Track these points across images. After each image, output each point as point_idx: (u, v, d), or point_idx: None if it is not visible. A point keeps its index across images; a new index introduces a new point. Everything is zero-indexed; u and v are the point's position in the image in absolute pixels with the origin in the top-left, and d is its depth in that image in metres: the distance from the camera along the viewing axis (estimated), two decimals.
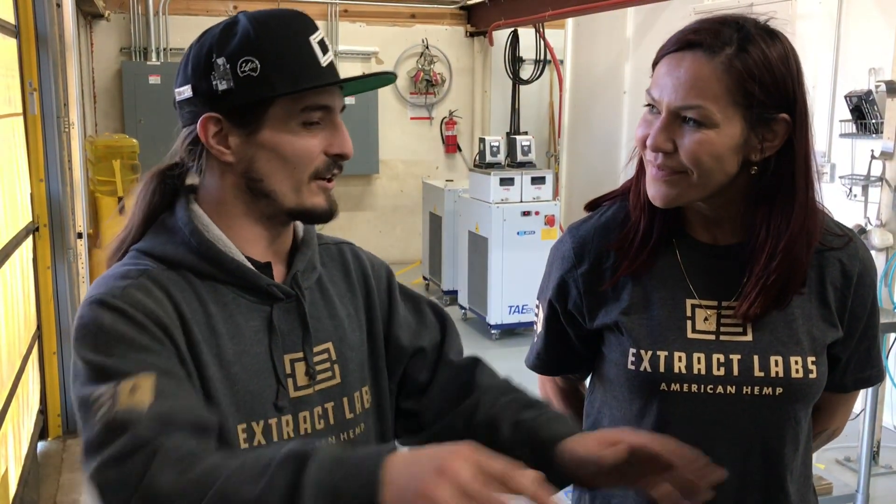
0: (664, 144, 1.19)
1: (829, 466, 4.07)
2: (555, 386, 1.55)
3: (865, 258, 1.33)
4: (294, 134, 1.09)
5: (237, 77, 1.06)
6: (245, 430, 1.08)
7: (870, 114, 4.39)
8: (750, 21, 1.19)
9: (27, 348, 3.66)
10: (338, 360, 1.19)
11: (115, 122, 8.01)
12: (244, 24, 1.08)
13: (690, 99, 1.16)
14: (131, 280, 1.05)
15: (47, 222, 4.01)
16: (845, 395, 1.41)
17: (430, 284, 7.62)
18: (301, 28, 1.10)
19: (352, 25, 8.71)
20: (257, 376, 1.10)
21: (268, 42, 1.07)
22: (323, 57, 1.10)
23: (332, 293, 1.23)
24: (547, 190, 6.23)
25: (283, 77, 1.06)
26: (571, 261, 1.36)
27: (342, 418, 1.18)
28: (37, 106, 3.87)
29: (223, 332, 1.09)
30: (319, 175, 1.12)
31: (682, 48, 1.18)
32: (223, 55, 1.06)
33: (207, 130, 1.09)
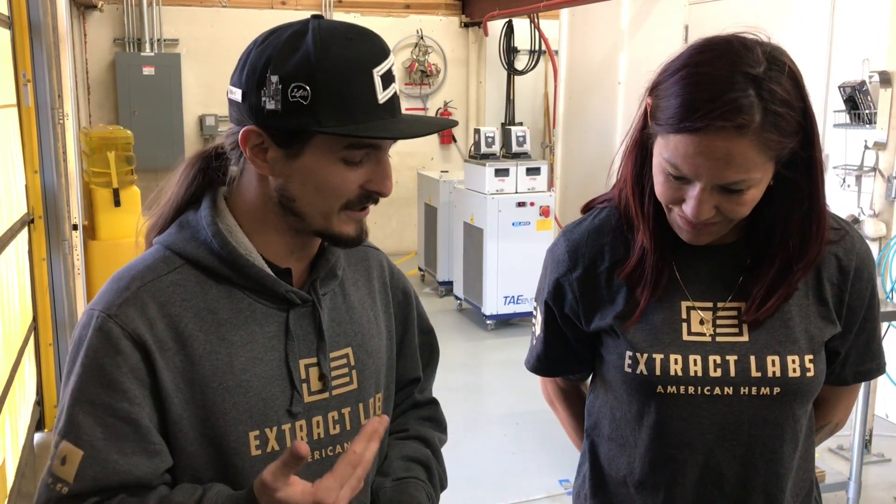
0: (709, 214, 1.18)
1: (822, 455, 4.10)
2: (556, 387, 1.55)
3: (862, 251, 1.32)
4: (332, 167, 1.06)
5: (286, 101, 1.02)
6: (258, 437, 1.10)
7: (863, 104, 4.40)
8: (754, 58, 1.13)
9: (23, 340, 3.66)
10: (356, 366, 1.19)
11: (110, 114, 7.98)
12: (308, 43, 1.02)
13: (733, 175, 1.13)
14: (131, 293, 1.07)
15: (42, 214, 4.00)
16: (846, 388, 1.41)
17: (426, 275, 7.63)
18: (367, 57, 1.04)
19: (346, 16, 8.67)
20: (271, 383, 1.11)
21: (325, 70, 1.01)
22: (383, 92, 1.04)
23: (354, 297, 1.23)
24: (542, 181, 6.23)
25: (333, 112, 1.01)
26: (566, 264, 1.36)
27: (358, 424, 1.19)
28: (31, 97, 3.86)
29: (235, 341, 1.09)
30: (351, 206, 1.09)
31: (707, 131, 1.12)
32: (278, 73, 1.02)
33: (248, 141, 1.06)
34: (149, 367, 1.05)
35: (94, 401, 1.03)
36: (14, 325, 3.48)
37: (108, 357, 1.04)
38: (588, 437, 1.44)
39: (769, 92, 1.11)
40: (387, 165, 1.10)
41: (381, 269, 1.30)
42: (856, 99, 4.42)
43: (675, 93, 1.14)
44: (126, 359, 1.04)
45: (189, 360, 1.07)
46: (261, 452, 1.10)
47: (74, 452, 1.02)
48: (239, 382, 1.09)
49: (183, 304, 1.08)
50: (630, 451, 1.34)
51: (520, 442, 4.30)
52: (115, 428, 1.03)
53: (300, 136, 1.04)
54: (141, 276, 1.09)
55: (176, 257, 1.11)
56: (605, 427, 1.39)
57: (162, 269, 1.10)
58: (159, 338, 1.05)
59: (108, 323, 1.05)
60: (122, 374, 1.04)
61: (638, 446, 1.32)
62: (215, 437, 1.08)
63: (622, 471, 1.35)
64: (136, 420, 1.04)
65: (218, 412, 1.07)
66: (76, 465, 1.02)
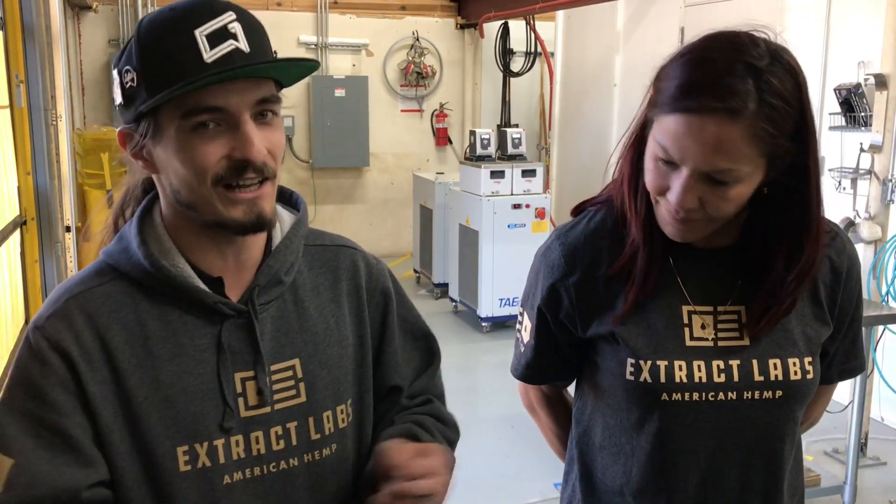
0: (692, 204, 1.16)
1: (818, 458, 4.09)
2: (539, 393, 1.51)
3: (852, 253, 1.33)
4: (186, 141, 1.00)
5: (124, 89, 1.02)
6: (187, 452, 1.06)
7: (859, 107, 4.40)
8: (755, 52, 1.13)
9: (15, 342, 3.64)
10: (304, 378, 1.13)
11: (104, 115, 7.95)
12: (136, 31, 1.02)
13: (720, 163, 1.12)
14: (59, 306, 1.06)
15: (35, 215, 3.98)
16: (828, 386, 1.42)
17: (421, 277, 7.62)
18: (189, 21, 0.99)
19: (342, 17, 8.67)
20: (200, 397, 1.07)
21: (145, 48, 1.00)
22: (210, 51, 0.98)
23: (310, 303, 1.16)
24: (537, 183, 6.23)
25: (158, 84, 0.98)
26: (562, 269, 1.32)
27: (308, 438, 1.13)
28: (24, 98, 3.84)
29: (161, 354, 1.06)
30: (224, 181, 1.01)
31: (700, 111, 1.11)
32: (115, 67, 1.04)
33: (125, 143, 1.06)
34: (75, 378, 1.03)
35: (23, 411, 1.02)
36: (6, 327, 3.45)
37: (36, 369, 1.03)
38: (577, 446, 1.41)
39: (767, 83, 1.11)
40: (245, 129, 1.00)
41: (353, 270, 1.22)
42: (851, 101, 4.42)
43: (676, 75, 1.14)
44: (54, 370, 1.03)
45: (116, 372, 1.04)
46: (190, 468, 1.06)
47: (3, 461, 1.01)
48: (165, 396, 1.05)
49: (111, 315, 1.06)
50: (626, 460, 1.32)
51: (515, 445, 4.28)
52: (44, 439, 1.02)
53: (151, 120, 1.01)
54: (70, 289, 1.08)
55: (110, 269, 1.09)
56: (596, 435, 1.37)
57: (94, 281, 1.08)
58: (86, 349, 1.04)
59: (35, 335, 1.04)
60: (50, 385, 1.02)
61: (637, 454, 1.30)
62: (144, 452, 1.05)
63: (618, 480, 1.33)
64: (65, 431, 1.02)
65: (144, 426, 1.04)
66: (5, 473, 1.00)
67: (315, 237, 1.22)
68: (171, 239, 1.09)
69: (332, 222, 8.75)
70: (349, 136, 8.52)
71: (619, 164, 1.31)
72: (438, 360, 1.33)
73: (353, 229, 8.82)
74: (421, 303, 7.14)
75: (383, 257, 1.31)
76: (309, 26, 8.53)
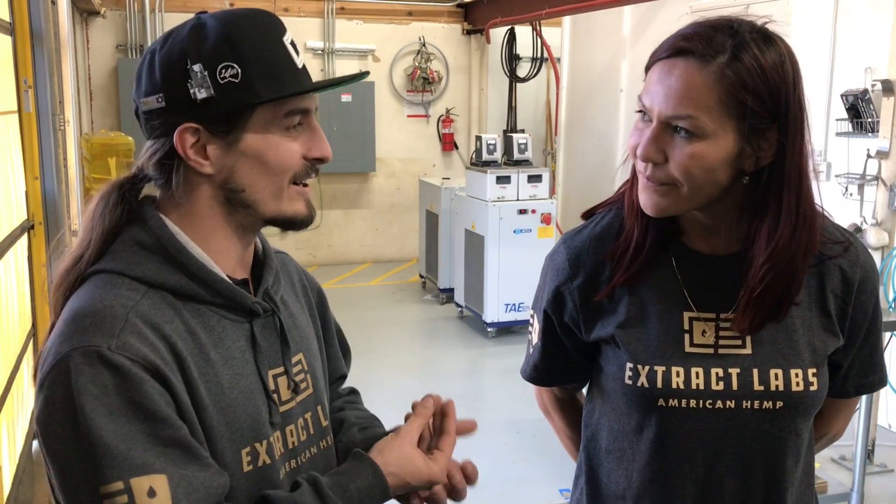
0: (655, 155, 1.15)
1: (824, 465, 4.08)
2: (552, 396, 1.53)
3: (866, 263, 1.30)
4: (276, 140, 1.05)
5: (217, 84, 1.01)
6: (249, 453, 1.07)
7: (866, 112, 4.39)
8: (746, 25, 1.14)
9: (22, 347, 3.65)
10: (309, 370, 1.19)
11: (112, 120, 7.99)
12: (215, 27, 1.02)
13: (682, 109, 1.12)
14: (122, 322, 0.97)
15: (42, 220, 4.00)
16: (847, 400, 1.39)
17: (427, 282, 7.62)
18: (274, 29, 1.06)
19: (348, 23, 8.69)
20: (252, 398, 1.08)
21: (245, 45, 1.02)
22: (297, 58, 1.07)
23: (291, 303, 1.22)
24: (543, 188, 6.23)
25: (266, 83, 1.02)
26: (567, 272, 1.33)
27: (319, 427, 1.18)
28: (32, 103, 3.86)
29: (217, 360, 1.05)
30: (298, 180, 1.09)
31: (674, 55, 1.14)
32: (199, 61, 1.01)
33: (185, 142, 1.03)
34: (169, 390, 0.98)
35: (136, 437, 0.93)
36: (13, 331, 3.47)
37: (134, 389, 0.94)
38: (585, 449, 1.42)
39: (745, 46, 1.12)
40: (320, 130, 1.10)
41: (297, 272, 1.30)
42: (858, 107, 4.41)
43: (665, 41, 1.18)
44: (150, 386, 0.96)
45: (189, 383, 1.01)
46: (252, 468, 1.07)
47: (157, 479, 0.92)
48: (229, 402, 1.05)
49: (167, 326, 1.01)
50: (628, 464, 1.32)
51: (520, 450, 4.28)
52: (171, 455, 0.95)
53: (239, 117, 1.03)
54: (122, 303, 0.99)
55: (137, 283, 1.02)
56: (602, 439, 1.37)
57: (133, 295, 1.01)
58: (166, 361, 0.99)
59: (114, 357, 0.94)
60: (153, 402, 0.95)
61: (637, 459, 1.30)
62: (217, 461, 1.03)
63: (621, 484, 1.33)
64: (184, 442, 0.97)
65: (216, 435, 1.04)
66: (167, 489, 0.93)
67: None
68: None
69: (337, 227, 8.76)
70: (355, 141, 8.53)
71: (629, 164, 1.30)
72: (350, 352, 1.44)
73: (359, 234, 8.83)
74: (426, 308, 7.14)
75: (389, 262, 1.35)
76: (316, 32, 8.55)
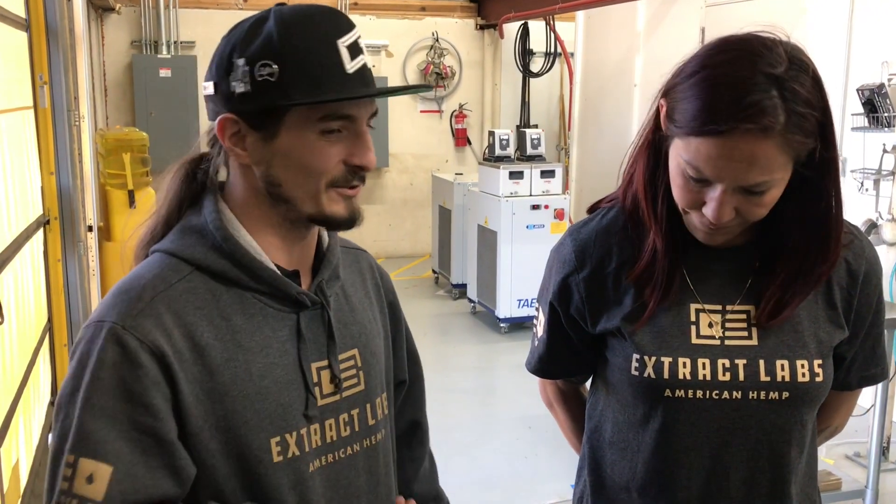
0: (730, 216, 1.17)
1: (839, 462, 4.06)
2: (556, 389, 1.53)
3: (871, 256, 1.31)
4: (310, 142, 1.04)
5: (254, 81, 1.02)
6: (279, 443, 1.08)
7: (882, 107, 4.36)
8: (773, 57, 1.11)
9: (38, 340, 3.68)
10: (362, 367, 1.19)
11: (126, 116, 8.03)
12: (270, 24, 1.03)
13: (756, 177, 1.12)
14: (146, 303, 1.03)
15: (58, 215, 4.03)
16: (849, 392, 1.40)
17: (440, 278, 7.63)
18: (330, 30, 1.04)
19: (362, 18, 8.69)
20: (288, 387, 1.09)
21: (290, 46, 1.02)
22: (350, 63, 1.04)
23: (354, 298, 1.22)
24: (556, 183, 6.22)
25: (301, 85, 1.01)
26: (573, 264, 1.34)
27: (365, 425, 1.18)
28: (47, 99, 3.89)
29: (251, 347, 1.07)
30: (337, 184, 1.07)
31: (731, 133, 1.09)
32: (243, 56, 1.03)
33: (225, 130, 1.06)
34: (169, 379, 1.01)
35: (114, 415, 0.98)
36: (29, 325, 3.49)
37: (128, 370, 0.99)
38: (588, 441, 1.43)
39: (792, 92, 1.10)
40: (366, 138, 1.08)
41: (371, 270, 1.30)
42: (874, 102, 4.38)
43: (696, 95, 1.13)
44: (146, 372, 1.00)
45: (207, 369, 1.03)
46: (282, 458, 1.08)
47: (102, 469, 0.97)
48: (258, 389, 1.06)
49: (197, 312, 1.05)
50: (633, 456, 1.33)
51: (532, 446, 4.28)
52: (140, 443, 0.99)
53: (274, 114, 1.03)
54: (153, 286, 1.04)
55: (183, 264, 1.07)
56: (606, 431, 1.38)
57: (172, 277, 1.06)
58: (177, 348, 1.02)
59: (125, 335, 1.00)
60: (144, 387, 0.99)
61: (642, 451, 1.31)
62: (238, 447, 1.05)
63: (625, 476, 1.34)
64: (160, 435, 1.00)
65: (239, 421, 1.05)
66: (106, 482, 0.97)
67: (339, 239, 1.27)
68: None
69: None
70: None
71: (631, 170, 1.32)
72: (423, 382, 1.43)
73: (373, 230, 8.85)
74: (439, 303, 7.15)
75: (402, 258, 1.34)
76: None
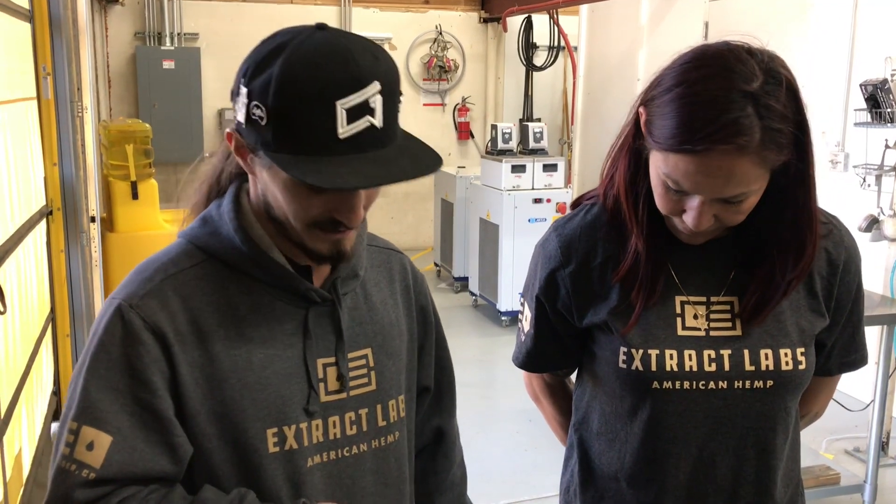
0: (709, 224, 1.19)
1: (838, 457, 4.07)
2: (542, 382, 1.55)
3: (850, 245, 1.34)
4: (293, 188, 1.01)
5: (248, 115, 0.99)
6: (276, 434, 1.09)
7: (885, 102, 4.35)
8: (749, 71, 1.11)
9: (41, 331, 3.69)
10: (375, 367, 1.18)
11: (130, 107, 8.03)
12: (276, 64, 0.96)
13: (733, 190, 1.14)
14: (154, 285, 1.07)
15: (61, 206, 4.03)
16: (829, 378, 1.43)
17: (442, 271, 7.64)
18: (332, 88, 0.95)
19: (365, 11, 8.69)
20: (288, 380, 1.10)
21: (283, 96, 0.96)
22: (346, 126, 0.96)
23: (376, 297, 1.22)
24: (559, 177, 6.22)
25: (284, 140, 0.97)
26: (558, 260, 1.36)
27: (375, 425, 1.18)
28: (50, 90, 3.89)
29: (254, 338, 1.09)
30: (319, 227, 1.05)
31: (706, 150, 1.11)
32: (247, 87, 0.99)
33: (232, 142, 1.06)
34: (168, 359, 1.04)
35: (117, 388, 1.03)
36: (32, 315, 3.51)
37: (131, 347, 1.04)
38: (576, 432, 1.45)
39: (767, 108, 1.10)
40: (352, 198, 1.03)
41: (403, 271, 1.29)
42: (877, 97, 4.37)
43: (671, 113, 1.13)
44: (147, 349, 1.04)
45: (208, 355, 1.06)
46: (279, 450, 1.09)
47: (102, 437, 1.01)
48: (258, 379, 1.08)
49: (204, 298, 1.08)
50: (621, 446, 1.35)
51: (533, 438, 4.29)
52: (139, 416, 1.03)
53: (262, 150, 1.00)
54: (164, 269, 1.09)
55: (198, 251, 1.11)
56: (594, 422, 1.40)
57: (185, 262, 1.10)
58: (179, 331, 1.05)
59: (129, 313, 1.05)
60: (145, 364, 1.04)
61: (630, 441, 1.33)
62: (233, 434, 1.07)
63: (613, 466, 1.36)
64: (159, 411, 1.04)
65: (237, 409, 1.07)
66: (105, 450, 1.01)
67: (370, 238, 1.27)
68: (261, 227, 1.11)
69: None
70: None
71: (609, 169, 1.33)
72: (453, 392, 1.41)
73: (375, 223, 8.77)
74: (441, 296, 7.16)
75: (404, 251, 1.34)
76: (332, 20, 8.55)
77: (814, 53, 4.94)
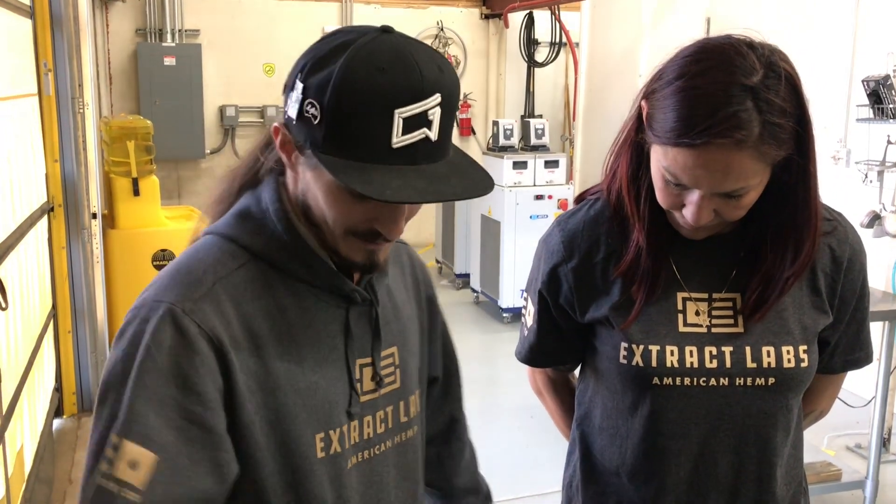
0: (709, 218, 1.18)
1: (840, 453, 4.07)
2: (545, 377, 1.55)
3: (854, 242, 1.33)
4: (336, 193, 0.98)
5: (301, 112, 0.96)
6: (323, 439, 1.06)
7: (887, 98, 4.34)
8: (749, 66, 1.11)
9: (42, 327, 3.69)
10: (400, 364, 1.17)
11: (131, 104, 8.03)
12: (338, 63, 0.92)
13: (732, 184, 1.13)
14: (207, 288, 1.00)
15: (62, 202, 4.04)
16: (834, 376, 1.43)
17: (443, 268, 7.63)
18: (392, 95, 0.92)
19: (366, 7, 8.68)
20: (334, 383, 1.07)
21: (340, 98, 0.92)
22: (400, 136, 0.92)
23: (397, 295, 1.20)
24: (560, 174, 6.22)
25: (335, 142, 0.93)
26: (561, 254, 1.35)
27: (398, 421, 1.17)
28: (52, 86, 3.89)
29: (303, 341, 1.05)
30: (357, 235, 1.02)
31: (704, 143, 1.10)
32: (303, 83, 0.95)
33: (278, 136, 1.02)
34: (224, 369, 0.98)
35: (164, 401, 0.95)
36: (34, 312, 3.51)
37: (184, 356, 0.96)
38: (578, 427, 1.45)
39: (766, 102, 1.10)
40: (396, 210, 1.00)
41: (411, 263, 1.27)
42: (880, 93, 4.36)
43: (671, 106, 1.13)
44: (203, 360, 0.96)
45: (262, 361, 1.01)
46: (325, 455, 1.06)
47: (146, 456, 0.94)
48: (308, 384, 1.04)
49: (254, 302, 1.02)
50: (622, 442, 1.35)
51: (534, 435, 4.29)
52: (186, 432, 0.96)
53: (310, 149, 0.98)
54: (214, 270, 1.02)
55: (241, 251, 1.04)
56: (596, 417, 1.40)
57: (231, 263, 1.03)
58: (235, 338, 0.99)
59: (183, 319, 0.97)
60: (199, 375, 0.96)
61: (631, 437, 1.33)
62: (284, 442, 1.03)
63: (614, 461, 1.36)
64: (209, 426, 0.97)
65: (289, 415, 1.02)
66: (150, 470, 0.93)
67: None
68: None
69: None
70: None
71: (612, 163, 1.33)
72: (459, 378, 1.40)
73: None
74: (442, 293, 7.15)
75: None
76: (333, 17, 8.54)
77: (816, 49, 4.93)
